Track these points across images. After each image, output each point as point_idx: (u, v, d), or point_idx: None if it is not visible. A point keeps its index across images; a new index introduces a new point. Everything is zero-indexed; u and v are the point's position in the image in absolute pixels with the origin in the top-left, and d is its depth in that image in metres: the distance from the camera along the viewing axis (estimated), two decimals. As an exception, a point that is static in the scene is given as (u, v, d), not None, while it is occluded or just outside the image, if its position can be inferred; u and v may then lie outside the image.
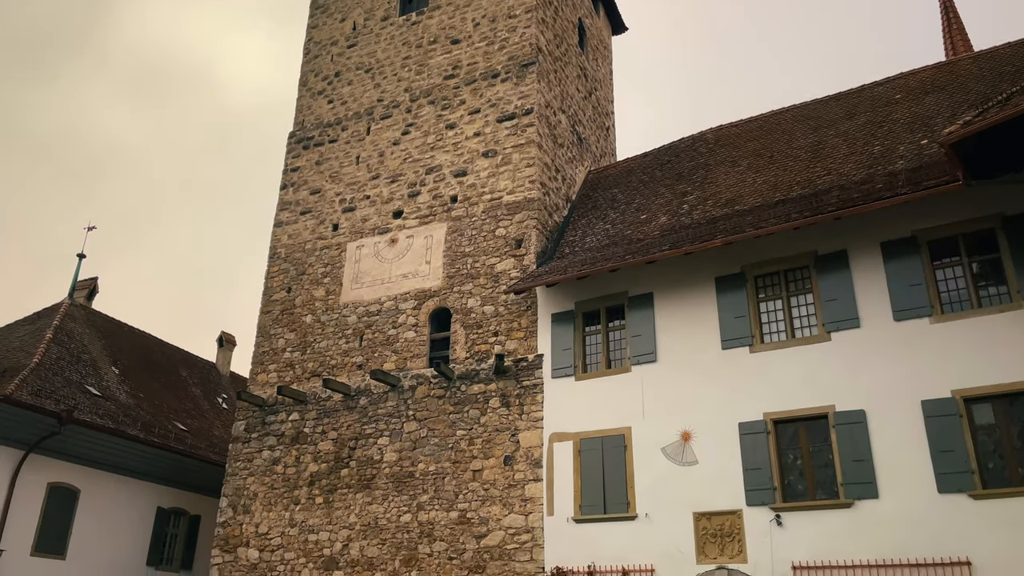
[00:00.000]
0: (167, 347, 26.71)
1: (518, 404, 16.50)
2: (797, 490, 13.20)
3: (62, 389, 18.74)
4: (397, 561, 16.32)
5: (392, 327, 18.64)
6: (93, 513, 18.80)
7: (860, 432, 12.75)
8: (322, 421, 18.44)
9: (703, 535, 13.64)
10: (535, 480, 15.68)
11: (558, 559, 14.77)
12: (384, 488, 17.06)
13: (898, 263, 13.42)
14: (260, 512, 18.19)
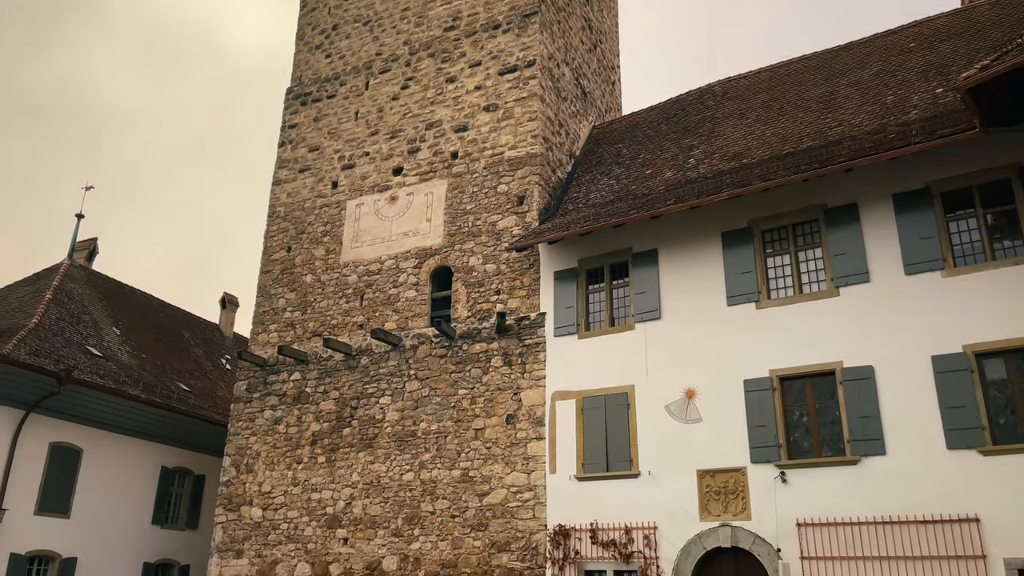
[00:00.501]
0: (169, 308, 26.58)
1: (520, 363, 16.30)
2: (802, 447, 13.00)
3: (62, 349, 18.63)
4: (400, 519, 16.29)
5: (393, 286, 18.39)
6: (96, 473, 18.82)
7: (868, 388, 12.49)
8: (323, 381, 18.31)
9: (707, 493, 13.49)
10: (537, 439, 15.54)
11: (560, 517, 14.68)
12: (386, 447, 16.98)
13: (910, 215, 13.03)
14: (263, 471, 18.17)
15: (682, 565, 13.31)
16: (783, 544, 12.46)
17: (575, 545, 14.40)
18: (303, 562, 16.93)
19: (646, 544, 13.71)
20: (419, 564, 15.76)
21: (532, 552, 14.84)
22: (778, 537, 12.55)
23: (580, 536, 14.40)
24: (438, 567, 15.56)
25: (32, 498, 17.25)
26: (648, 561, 13.60)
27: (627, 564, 13.83)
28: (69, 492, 18.12)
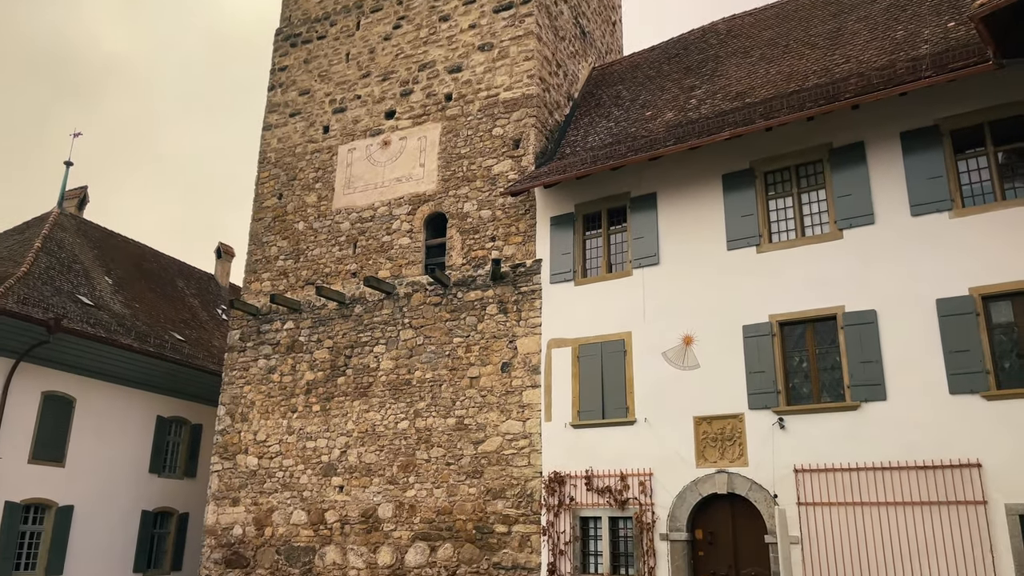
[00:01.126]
0: (163, 258, 26.26)
1: (516, 310, 16.00)
2: (801, 393, 12.75)
3: (51, 298, 18.36)
4: (395, 467, 16.19)
5: (386, 233, 18.01)
6: (91, 422, 18.72)
7: (870, 333, 12.18)
8: (317, 330, 18.06)
9: (703, 439, 13.29)
10: (533, 386, 15.33)
11: (556, 464, 14.54)
12: (381, 396, 16.80)
13: (918, 155, 12.54)
14: (258, 420, 18.05)
15: (677, 511, 13.18)
16: (780, 490, 12.29)
17: (570, 492, 14.28)
18: (299, 510, 16.90)
19: (642, 491, 13.58)
20: (414, 511, 15.70)
21: (527, 499, 14.74)
22: (775, 483, 12.38)
23: (575, 483, 14.27)
24: (433, 514, 15.50)
25: (25, 447, 17.16)
26: (643, 507, 13.48)
27: (622, 510, 13.71)
28: (63, 441, 18.04)
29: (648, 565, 13.18)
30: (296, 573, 16.44)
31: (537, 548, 14.37)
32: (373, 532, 15.96)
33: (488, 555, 14.77)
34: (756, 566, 12.48)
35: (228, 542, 17.38)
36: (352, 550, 16.04)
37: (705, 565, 12.96)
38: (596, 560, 13.92)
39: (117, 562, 19.11)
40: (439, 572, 15.10)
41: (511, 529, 14.74)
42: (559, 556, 14.02)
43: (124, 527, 19.36)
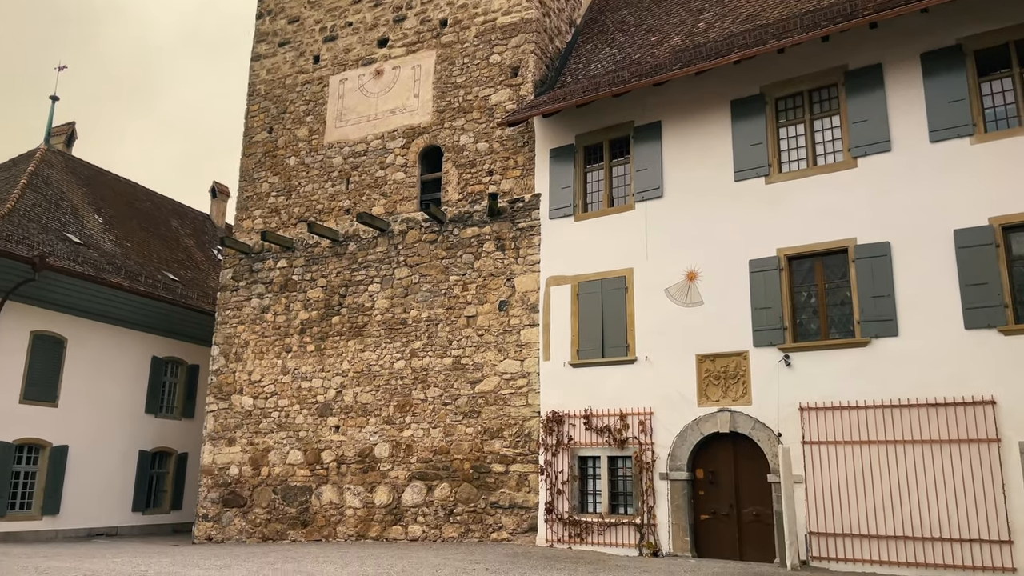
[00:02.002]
0: (156, 197, 25.68)
1: (514, 247, 15.45)
2: (809, 330, 12.26)
3: (37, 235, 17.87)
4: (391, 407, 15.88)
5: (380, 168, 17.36)
6: (83, 362, 18.43)
7: (882, 266, 11.61)
8: (310, 268, 17.58)
9: (706, 378, 12.87)
10: (531, 325, 14.89)
11: (554, 404, 14.19)
12: (376, 335, 16.40)
13: (939, 77, 11.78)
14: (252, 360, 17.73)
15: (678, 451, 12.84)
16: (784, 429, 11.91)
17: (569, 431, 13.96)
18: (295, 450, 16.68)
19: (641, 430, 13.24)
20: (411, 451, 15.44)
21: (525, 439, 14.44)
22: (779, 422, 11.99)
23: (574, 422, 13.94)
24: (430, 454, 15.24)
25: (16, 387, 16.90)
26: (643, 447, 13.15)
27: (621, 450, 13.40)
28: (55, 381, 17.77)
29: (647, 504, 12.91)
30: (293, 512, 16.30)
31: (535, 488, 14.12)
32: (370, 472, 15.74)
33: (485, 494, 14.54)
34: (758, 505, 12.18)
35: (225, 482, 17.24)
36: (349, 489, 15.86)
37: (705, 504, 12.68)
38: (595, 499, 13.67)
39: (115, 502, 19.05)
40: (436, 511, 14.91)
41: (508, 469, 14.48)
42: (557, 495, 13.78)
43: (121, 467, 19.24)
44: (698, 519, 12.67)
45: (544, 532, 13.78)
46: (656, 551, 12.64)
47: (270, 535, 16.42)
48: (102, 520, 18.61)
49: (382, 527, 15.31)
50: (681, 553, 12.45)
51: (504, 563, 11.06)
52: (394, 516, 15.28)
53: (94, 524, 18.40)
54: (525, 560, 11.46)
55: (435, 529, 14.83)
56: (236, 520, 16.90)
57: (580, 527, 13.42)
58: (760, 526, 12.10)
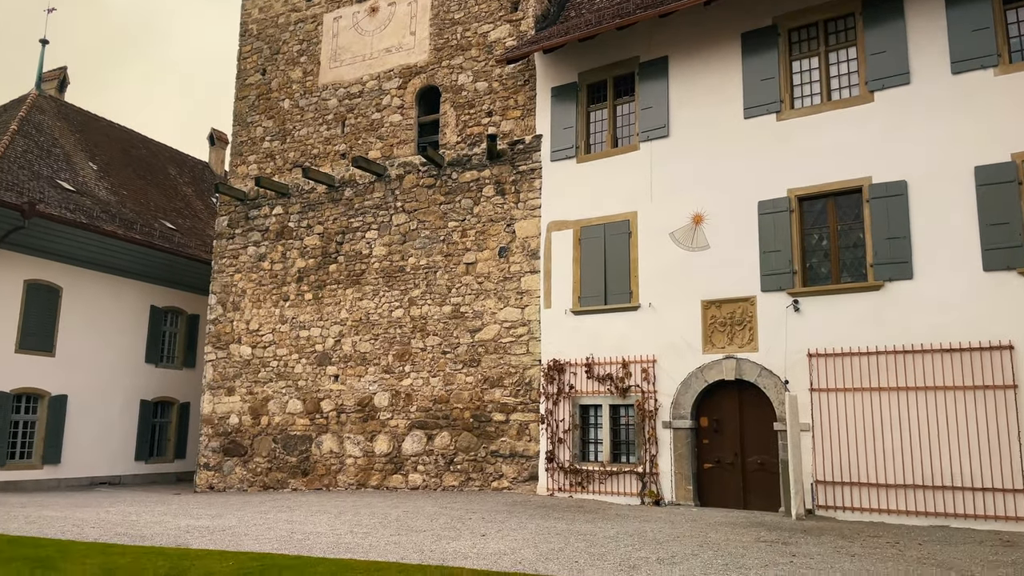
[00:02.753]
0: (153, 144, 25.16)
1: (514, 191, 14.93)
2: (819, 273, 11.77)
3: (27, 183, 17.46)
4: (390, 356, 15.59)
5: (376, 110, 16.77)
6: (80, 312, 18.18)
7: (898, 206, 11.05)
8: (307, 215, 17.14)
9: (711, 324, 12.45)
10: (532, 272, 14.46)
11: (555, 352, 13.84)
12: (374, 283, 16.02)
13: (962, 5, 11.04)
14: (250, 309, 17.43)
15: (682, 398, 12.50)
16: (791, 376, 11.52)
17: (570, 380, 13.63)
18: (294, 399, 16.48)
19: (644, 378, 12.89)
20: (411, 400, 15.19)
21: (525, 387, 14.13)
22: (786, 369, 11.59)
23: (575, 371, 13.60)
24: (430, 402, 14.99)
25: (11, 336, 16.69)
26: (646, 395, 12.82)
27: (623, 398, 13.07)
28: (51, 331, 17.55)
29: (650, 453, 12.63)
30: (293, 461, 16.17)
31: (535, 436, 13.87)
32: (369, 421, 15.54)
33: (486, 443, 14.31)
34: (763, 454, 11.87)
35: (225, 431, 17.11)
36: (349, 438, 15.68)
37: (709, 453, 12.38)
38: (596, 448, 13.40)
39: (118, 451, 19.01)
40: (436, 460, 14.71)
41: (509, 417, 14.21)
42: (558, 444, 13.52)
43: (123, 417, 19.15)
44: (701, 468, 12.39)
45: (545, 481, 13.56)
46: (658, 500, 12.40)
47: (271, 484, 16.32)
48: (104, 469, 18.60)
49: (382, 476, 15.16)
50: (684, 502, 12.20)
51: (501, 512, 10.84)
52: (394, 465, 15.10)
53: (96, 473, 18.38)
54: (523, 509, 11.23)
55: (435, 478, 14.65)
56: (237, 469, 16.81)
57: (581, 476, 13.19)
58: (765, 475, 11.81)
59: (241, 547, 7.85)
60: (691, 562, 7.21)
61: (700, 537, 8.79)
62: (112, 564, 6.76)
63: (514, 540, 8.39)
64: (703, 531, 9.29)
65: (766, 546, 8.20)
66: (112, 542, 8.17)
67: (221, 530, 9.22)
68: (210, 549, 7.66)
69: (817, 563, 7.26)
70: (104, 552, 7.39)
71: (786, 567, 7.03)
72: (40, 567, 6.60)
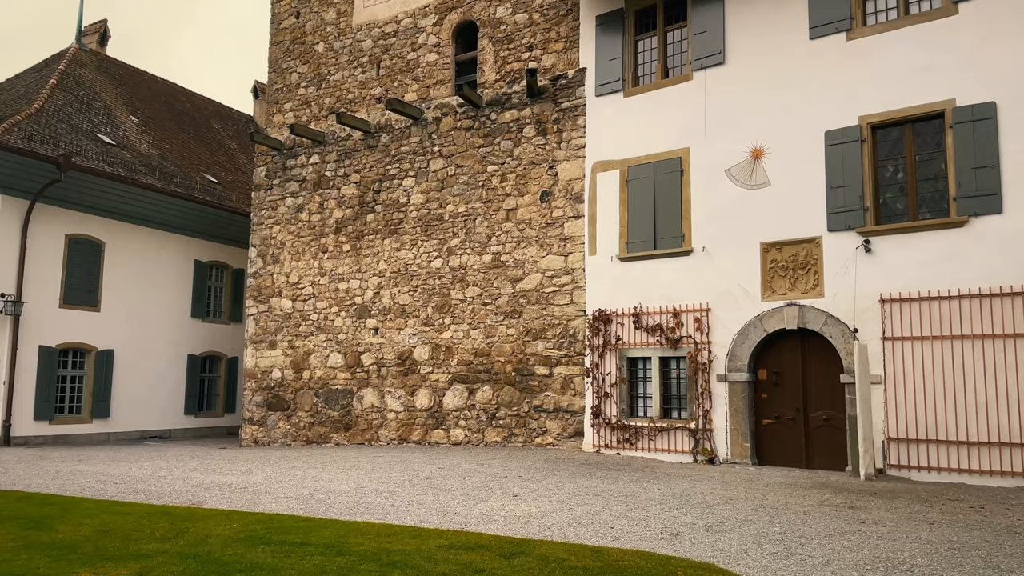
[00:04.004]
0: (197, 98, 24.85)
1: (556, 131, 13.97)
2: (894, 210, 10.56)
3: (66, 136, 17.25)
4: (429, 308, 14.98)
5: (411, 49, 15.90)
6: (123, 266, 18.06)
7: (986, 131, 9.73)
8: (343, 163, 16.51)
9: (771, 268, 11.39)
10: (575, 217, 13.55)
11: (601, 302, 12.99)
12: (412, 233, 15.36)
13: None
14: (289, 262, 17.02)
15: (738, 350, 11.54)
16: (861, 324, 10.43)
17: (616, 331, 12.78)
18: (335, 352, 16.07)
19: (697, 328, 11.95)
20: (451, 353, 14.59)
21: (570, 339, 13.35)
22: (855, 316, 10.50)
23: (622, 321, 12.74)
24: (470, 356, 14.36)
25: (55, 292, 16.65)
26: (699, 346, 11.89)
27: (674, 350, 12.17)
28: (95, 286, 17.47)
29: (703, 408, 11.76)
30: (335, 415, 15.84)
31: (581, 391, 13.12)
32: (410, 375, 15.02)
33: (528, 398, 13.64)
34: (828, 409, 10.87)
35: (268, 385, 16.87)
36: (389, 392, 15.22)
37: (768, 408, 11.43)
38: (645, 403, 12.58)
39: (167, 405, 19.05)
40: (478, 415, 14.13)
41: (552, 371, 13.48)
42: (604, 399, 12.75)
43: (170, 371, 19.14)
44: (760, 424, 11.47)
45: (591, 437, 12.84)
46: (712, 458, 11.55)
47: (314, 438, 16.05)
48: (154, 423, 18.66)
49: (424, 431, 14.67)
50: (740, 460, 11.33)
51: (541, 470, 10.17)
52: (436, 420, 14.59)
53: (146, 427, 18.45)
54: (565, 467, 10.54)
55: (477, 433, 14.08)
56: (281, 423, 16.58)
57: (629, 432, 12.41)
58: (830, 431, 10.82)
59: (255, 507, 7.36)
60: (743, 529, 6.39)
61: (756, 500, 7.95)
62: (110, 524, 6.31)
63: (548, 502, 7.70)
64: (759, 493, 8.44)
65: (830, 511, 7.32)
66: (124, 500, 7.80)
67: (243, 488, 8.79)
68: (221, 509, 7.19)
69: (890, 532, 6.36)
70: (109, 511, 6.99)
71: (853, 536, 6.15)
72: (34, 527, 6.19)
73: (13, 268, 15.69)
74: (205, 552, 5.31)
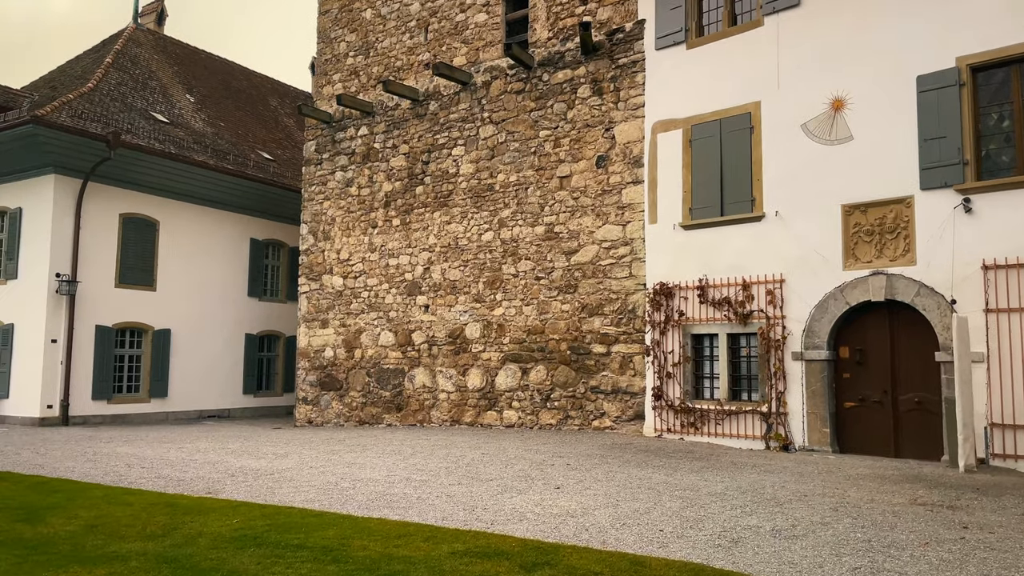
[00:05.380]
0: (254, 76, 24.64)
1: (613, 90, 12.91)
2: (999, 163, 9.16)
3: (118, 114, 17.13)
4: (480, 283, 14.21)
5: (460, 10, 15.04)
6: (178, 246, 17.93)
7: (1119, 64, 8.25)
8: (391, 134, 15.84)
9: (854, 233, 10.14)
10: (634, 183, 12.51)
11: (662, 274, 11.95)
12: (462, 205, 14.59)
13: None
14: (340, 238, 16.52)
15: (816, 325, 10.35)
16: (960, 294, 9.12)
17: (679, 305, 11.73)
18: (386, 331, 15.51)
19: (769, 301, 10.80)
20: (503, 330, 13.81)
21: (628, 315, 12.37)
22: (953, 285, 9.19)
23: (686, 295, 11.68)
24: (523, 333, 13.55)
25: (110, 271, 16.61)
26: (772, 321, 10.74)
27: (744, 326, 11.06)
28: (150, 265, 17.39)
29: (776, 390, 10.63)
30: (387, 396, 15.31)
31: (641, 371, 12.14)
32: (461, 353, 14.33)
33: (585, 378, 12.75)
34: (920, 391, 9.60)
35: (321, 364, 16.48)
36: (441, 372, 14.57)
37: (851, 389, 10.22)
38: (711, 384, 11.52)
39: (225, 385, 18.96)
40: (532, 396, 13.33)
41: (610, 349, 12.54)
42: (666, 380, 11.74)
43: (228, 350, 19.01)
44: (841, 407, 10.28)
45: (652, 421, 11.87)
46: (787, 445, 10.44)
47: (366, 419, 15.58)
48: (213, 402, 18.59)
49: (476, 412, 13.98)
50: (818, 447, 10.19)
51: (593, 457, 9.30)
52: (488, 401, 13.87)
53: (205, 406, 18.39)
54: (620, 454, 9.64)
55: (531, 415, 13.29)
56: (334, 403, 16.18)
57: (694, 415, 11.39)
58: (923, 416, 9.57)
59: (271, 498, 6.75)
60: (818, 535, 5.39)
61: (835, 495, 6.90)
62: (106, 517, 5.80)
63: (593, 496, 6.83)
64: (840, 487, 7.36)
65: (925, 512, 6.22)
66: (139, 487, 7.33)
67: (269, 474, 8.24)
68: (232, 500, 6.61)
69: (1000, 541, 5.25)
70: (114, 500, 6.51)
71: (955, 548, 5.07)
72: (25, 519, 5.73)
73: (68, 248, 15.68)
74: (186, 555, 4.68)
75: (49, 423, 15.25)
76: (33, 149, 15.26)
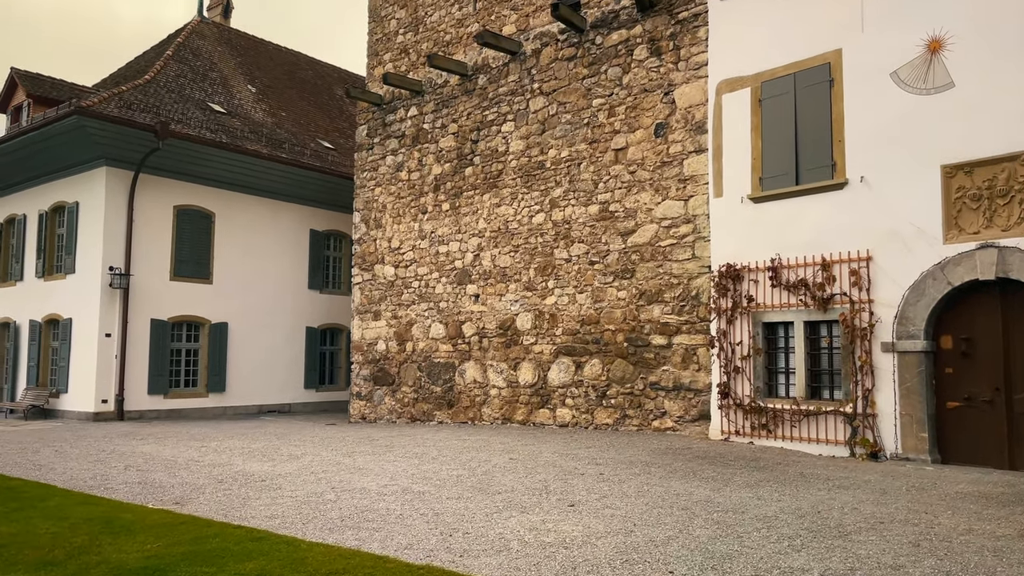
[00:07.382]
0: (321, 66, 24.30)
1: (672, 48, 11.47)
2: None
3: (172, 105, 16.92)
4: (531, 270, 13.06)
5: (509, -26, 13.90)
6: (234, 237, 17.61)
7: None
8: (440, 113, 14.89)
9: (958, 199, 8.39)
10: (697, 152, 11.04)
11: (729, 255, 10.46)
12: (512, 185, 13.47)
13: None
14: (390, 225, 15.72)
15: (910, 310, 8.65)
16: (1096, 269, 7.27)
17: (749, 290, 10.21)
18: (437, 322, 14.59)
19: (854, 283, 9.15)
20: (555, 321, 12.61)
21: (691, 302, 10.92)
22: (1086, 258, 7.35)
23: (756, 277, 10.15)
24: (576, 324, 12.30)
25: (165, 264, 16.41)
26: (857, 307, 9.10)
27: (824, 312, 9.44)
28: (206, 258, 17.12)
29: (863, 387, 8.99)
30: (438, 391, 14.38)
31: (706, 365, 10.69)
32: (512, 346, 13.22)
33: (644, 373, 11.39)
34: (1044, 391, 7.79)
35: (374, 358, 15.74)
36: (491, 366, 13.51)
37: (955, 387, 8.48)
38: (787, 380, 9.95)
39: (286, 379, 18.56)
40: (586, 392, 12.07)
41: (671, 341, 11.12)
42: (734, 375, 10.24)
43: (288, 344, 18.60)
44: (942, 408, 8.55)
45: (718, 421, 10.40)
46: (876, 452, 8.79)
47: (418, 416, 14.71)
48: (273, 397, 18.21)
49: (528, 410, 12.84)
50: (915, 455, 8.51)
51: (635, 465, 8.00)
52: (540, 398, 12.71)
53: (264, 401, 18.03)
54: (671, 461, 8.28)
55: (586, 414, 12.04)
56: (387, 399, 15.41)
57: (766, 416, 9.86)
58: (1047, 422, 7.75)
59: (232, 513, 5.87)
60: (884, 588, 3.96)
61: (922, 522, 5.40)
62: (22, 534, 5.07)
63: (608, 518, 5.59)
64: (930, 510, 5.83)
65: (1043, 553, 4.65)
66: (101, 495, 6.60)
67: (260, 480, 7.40)
68: (180, 514, 5.76)
69: None
70: (51, 515, 5.78)
71: (1086, 618, 3.55)
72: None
73: (121, 241, 15.54)
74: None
75: (104, 418, 15.16)
76: (83, 142, 15.18)
